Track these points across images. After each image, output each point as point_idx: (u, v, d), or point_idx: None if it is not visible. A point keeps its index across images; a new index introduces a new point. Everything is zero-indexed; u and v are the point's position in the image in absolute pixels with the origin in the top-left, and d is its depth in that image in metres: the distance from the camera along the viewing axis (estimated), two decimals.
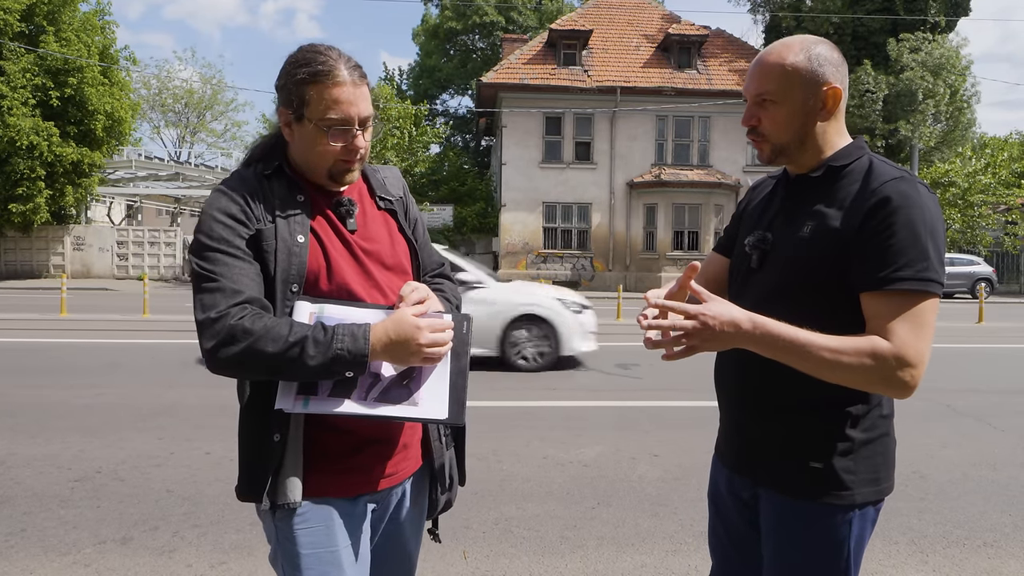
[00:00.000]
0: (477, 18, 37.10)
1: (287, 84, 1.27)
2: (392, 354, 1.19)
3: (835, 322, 1.20)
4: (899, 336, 1.14)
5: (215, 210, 1.23)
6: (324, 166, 1.29)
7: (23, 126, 20.79)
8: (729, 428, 1.45)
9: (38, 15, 21.86)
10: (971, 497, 3.76)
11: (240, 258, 1.21)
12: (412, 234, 1.46)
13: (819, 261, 1.23)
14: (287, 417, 1.22)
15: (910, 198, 1.17)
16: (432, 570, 2.84)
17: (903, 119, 22.99)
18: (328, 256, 1.29)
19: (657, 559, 2.99)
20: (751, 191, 1.54)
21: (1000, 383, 7.19)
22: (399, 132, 24.22)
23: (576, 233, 23.72)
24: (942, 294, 1.19)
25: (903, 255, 1.15)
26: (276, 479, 1.23)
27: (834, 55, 1.28)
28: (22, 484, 3.73)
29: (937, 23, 24.28)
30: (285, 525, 1.27)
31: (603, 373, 7.44)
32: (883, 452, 1.29)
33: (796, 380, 1.22)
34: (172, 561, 2.88)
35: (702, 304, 1.17)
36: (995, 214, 25.87)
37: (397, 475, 1.37)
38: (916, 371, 1.14)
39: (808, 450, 1.27)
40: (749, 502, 1.40)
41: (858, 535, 1.27)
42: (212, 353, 1.14)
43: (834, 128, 1.31)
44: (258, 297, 1.20)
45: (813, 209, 1.27)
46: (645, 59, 24.35)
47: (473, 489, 3.68)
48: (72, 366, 7.12)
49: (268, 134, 1.40)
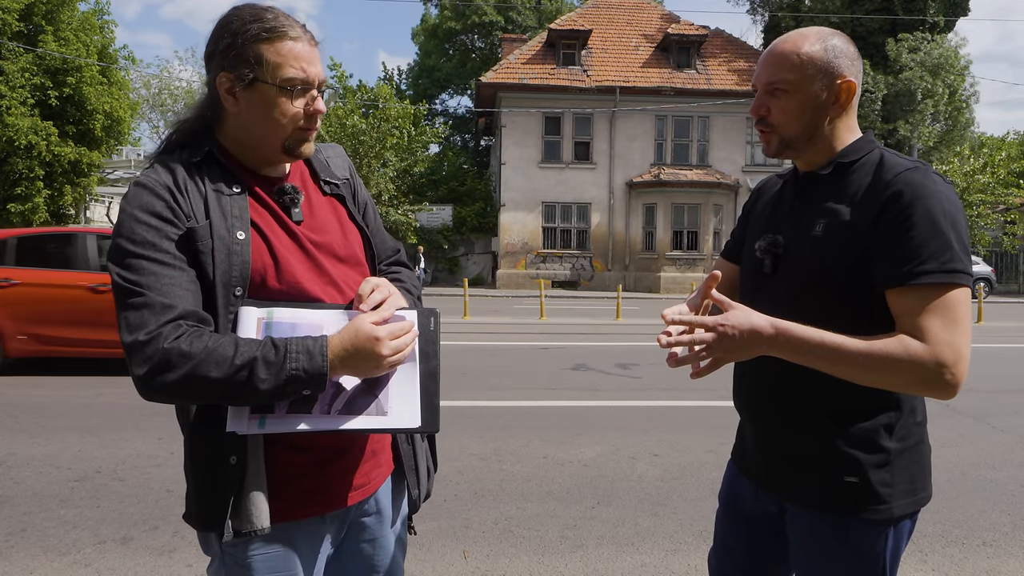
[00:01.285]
0: (476, 18, 37.10)
1: (234, 44, 1.10)
2: (352, 367, 1.06)
3: (859, 323, 1.15)
4: (931, 333, 1.08)
5: (136, 208, 1.06)
6: (281, 136, 1.14)
7: (21, 126, 20.77)
8: (753, 439, 1.38)
9: (37, 14, 21.84)
10: (970, 496, 3.76)
11: (169, 264, 1.04)
12: (363, 220, 1.32)
13: (835, 260, 1.18)
14: (244, 437, 1.08)
15: (926, 188, 1.12)
16: (432, 570, 2.85)
17: (902, 119, 23.02)
18: (275, 252, 1.14)
19: (657, 559, 2.99)
20: (757, 191, 1.48)
21: (999, 383, 7.20)
22: (398, 132, 24.21)
23: (575, 233, 23.73)
24: (972, 285, 1.13)
25: (925, 247, 1.09)
26: (238, 505, 1.09)
27: (850, 49, 1.24)
28: (22, 484, 3.73)
29: (936, 23, 24.31)
30: (238, 550, 1.13)
31: (603, 373, 7.44)
32: (919, 461, 1.24)
33: (825, 388, 1.18)
34: (172, 561, 2.88)
35: (721, 315, 1.13)
36: (994, 214, 25.90)
37: (368, 486, 1.25)
38: (956, 368, 1.08)
39: (842, 463, 1.21)
40: (777, 514, 1.35)
41: (894, 547, 1.23)
42: (146, 381, 1.00)
43: (845, 124, 1.26)
44: (193, 310, 1.04)
45: (824, 207, 1.22)
46: (644, 59, 24.36)
47: (473, 489, 3.68)
48: (72, 366, 7.12)
49: (189, 115, 1.20)
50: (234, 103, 1.13)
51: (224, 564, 1.15)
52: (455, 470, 3.97)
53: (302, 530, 1.18)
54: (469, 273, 24.39)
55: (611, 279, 22.95)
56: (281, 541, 1.15)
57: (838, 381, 1.14)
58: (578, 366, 7.79)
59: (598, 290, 22.57)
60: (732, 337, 1.11)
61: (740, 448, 1.44)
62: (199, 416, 1.13)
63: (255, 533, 1.10)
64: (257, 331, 1.07)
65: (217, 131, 1.19)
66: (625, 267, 23.60)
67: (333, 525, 1.24)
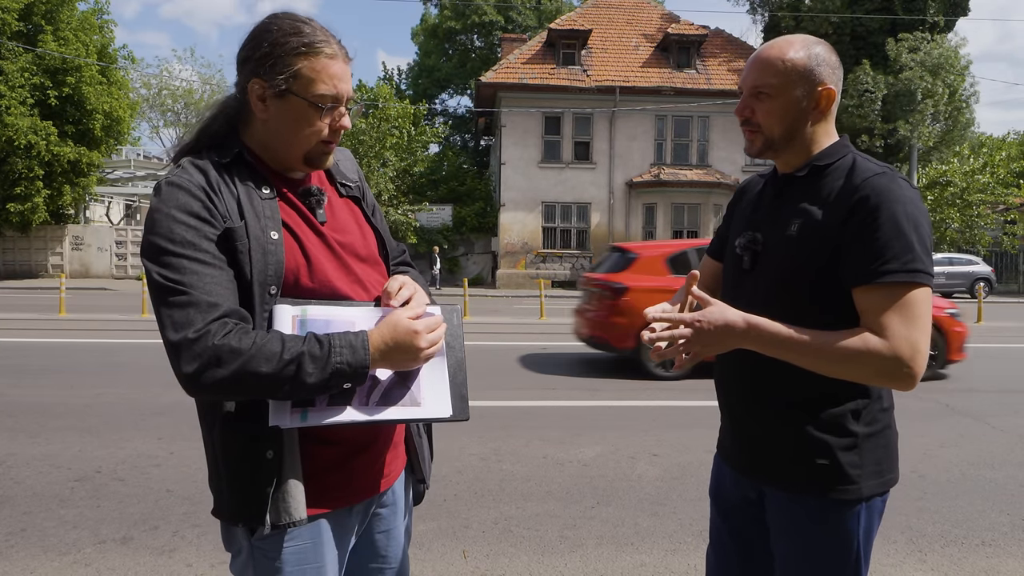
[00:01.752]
0: (476, 18, 37.09)
1: (272, 53, 1.12)
2: (391, 360, 1.11)
3: (828, 319, 1.22)
4: (890, 329, 1.16)
5: (172, 207, 1.07)
6: (304, 148, 1.17)
7: (21, 125, 20.78)
8: (732, 429, 1.45)
9: (36, 14, 21.84)
10: (969, 496, 3.77)
11: (210, 264, 1.06)
12: (375, 220, 1.36)
13: (808, 259, 1.25)
14: (279, 431, 1.10)
15: (892, 192, 1.19)
16: (432, 570, 2.85)
17: (902, 119, 23.01)
18: (306, 252, 1.17)
19: (656, 558, 2.99)
20: (740, 191, 1.55)
21: (999, 382, 7.21)
22: (398, 132, 24.21)
23: (575, 233, 23.73)
24: (932, 284, 1.21)
25: (889, 248, 1.17)
26: (276, 498, 1.11)
27: (832, 57, 1.30)
28: (22, 484, 3.73)
29: (936, 23, 24.30)
30: (268, 543, 1.15)
31: (602, 373, 7.44)
32: (886, 444, 1.32)
33: (796, 378, 1.25)
34: (172, 560, 2.88)
35: (699, 311, 1.21)
36: (994, 214, 25.90)
37: (390, 476, 1.31)
38: (913, 362, 1.16)
39: (813, 447, 1.28)
40: (756, 501, 1.41)
41: (866, 527, 1.29)
42: (194, 378, 1.01)
43: (823, 129, 1.33)
44: (236, 309, 1.07)
45: (799, 207, 1.29)
46: (644, 59, 24.36)
47: (473, 489, 3.69)
48: (71, 366, 7.12)
49: (212, 116, 1.22)
50: (264, 109, 1.16)
51: (253, 558, 1.17)
52: (455, 470, 3.97)
53: (330, 522, 1.21)
54: (469, 273, 24.39)
55: None
56: (310, 533, 1.17)
57: (807, 371, 1.22)
58: (578, 366, 7.79)
59: None
60: (708, 332, 1.19)
61: (721, 439, 1.52)
62: (235, 413, 1.13)
63: (294, 524, 1.12)
64: (292, 328, 1.10)
65: (243, 133, 1.21)
66: None
67: (358, 516, 1.27)
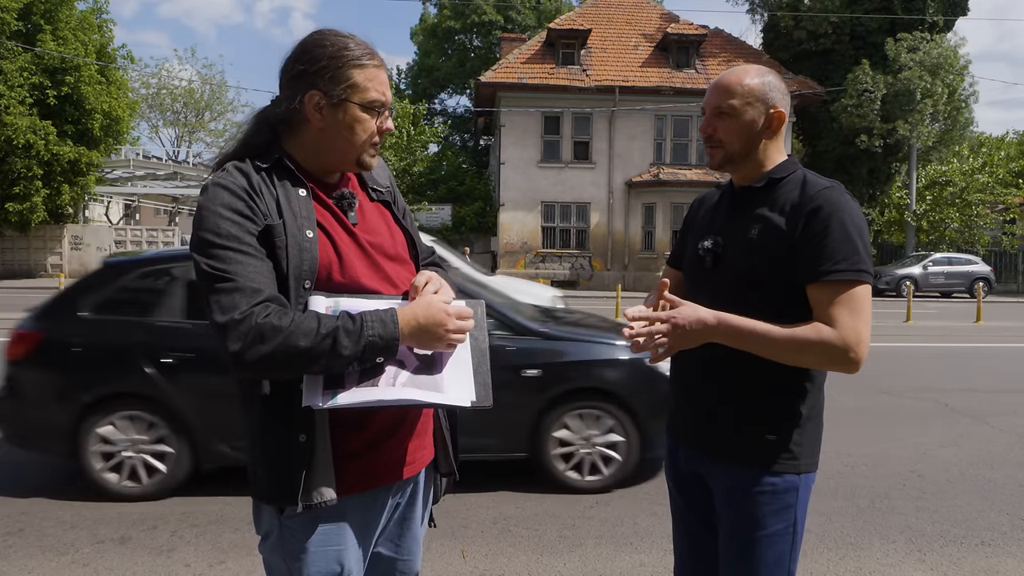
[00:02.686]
0: (476, 17, 37.09)
1: (330, 67, 1.25)
2: (419, 338, 1.20)
3: (783, 312, 1.38)
4: (839, 320, 1.33)
5: (218, 205, 1.19)
6: (357, 150, 1.30)
7: (20, 125, 20.75)
8: (684, 407, 1.58)
9: (35, 13, 21.81)
10: (969, 496, 3.76)
11: (253, 256, 1.17)
12: (406, 223, 1.46)
13: (767, 259, 1.41)
14: (311, 416, 1.20)
15: (840, 204, 1.38)
16: (431, 569, 2.84)
17: (901, 118, 23.00)
18: (338, 250, 1.27)
19: (655, 558, 2.99)
20: (698, 202, 1.72)
21: (998, 382, 7.21)
22: (397, 131, 24.20)
23: (575, 232, 23.73)
24: (872, 283, 1.39)
25: (839, 251, 1.35)
26: (309, 479, 1.20)
27: (782, 85, 1.50)
28: (21, 484, 3.73)
29: (935, 23, 24.30)
30: (296, 522, 1.24)
31: None
32: (818, 427, 1.49)
33: (752, 364, 1.40)
34: (170, 560, 2.88)
35: (673, 309, 1.39)
36: (993, 213, 25.91)
37: (414, 465, 1.37)
38: (858, 348, 1.34)
39: (763, 424, 1.44)
40: (705, 475, 1.54)
41: (803, 500, 1.46)
42: (240, 355, 1.10)
43: (775, 146, 1.51)
44: (277, 295, 1.17)
45: (757, 213, 1.46)
46: (644, 59, 24.36)
47: (472, 488, 3.69)
48: None
49: (254, 128, 1.33)
50: (320, 119, 1.27)
51: (282, 537, 1.26)
52: None
53: (354, 505, 1.28)
54: None
55: (610, 279, 22.95)
56: (335, 515, 1.25)
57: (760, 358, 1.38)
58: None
59: (597, 290, 22.56)
60: (683, 327, 1.37)
61: (672, 420, 1.65)
62: (270, 398, 1.23)
63: (324, 504, 1.21)
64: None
65: (285, 142, 1.32)
66: (624, 267, 23.61)
67: (382, 502, 1.34)
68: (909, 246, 25.42)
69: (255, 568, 2.80)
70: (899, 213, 25.64)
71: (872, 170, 24.43)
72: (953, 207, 25.00)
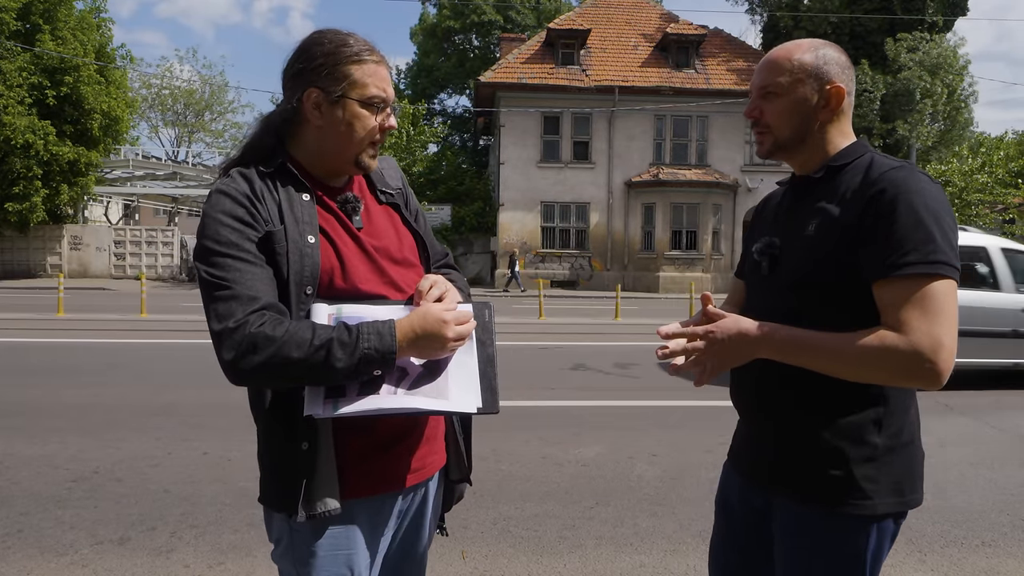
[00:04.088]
0: (475, 17, 37.07)
1: (326, 64, 1.23)
2: (419, 348, 1.17)
3: (849, 318, 1.18)
4: (908, 324, 1.10)
5: (219, 212, 1.18)
6: (357, 149, 1.27)
7: (19, 125, 20.73)
8: (745, 435, 1.42)
9: (34, 13, 21.79)
10: (969, 496, 3.76)
11: (252, 263, 1.17)
12: (416, 225, 1.43)
13: (826, 255, 1.21)
14: (315, 424, 1.18)
15: (908, 184, 1.16)
16: (431, 570, 2.83)
17: (901, 119, 23.02)
18: (341, 255, 1.25)
19: (655, 558, 2.99)
20: (762, 204, 1.53)
21: (997, 382, 7.21)
22: (397, 132, 24.20)
23: (574, 232, 23.73)
24: (957, 277, 1.14)
25: (908, 240, 1.12)
26: (310, 488, 1.19)
27: (842, 58, 1.30)
28: (19, 484, 3.72)
29: (935, 23, 24.31)
30: (305, 528, 1.23)
31: (601, 373, 7.44)
32: (909, 461, 1.24)
33: (812, 382, 1.21)
34: (170, 561, 2.87)
35: (712, 323, 1.20)
36: (992, 213, 25.92)
37: (423, 471, 1.35)
38: (937, 356, 1.09)
39: (826, 456, 1.22)
40: (762, 510, 1.36)
41: (876, 548, 1.23)
42: (234, 364, 1.10)
43: (837, 128, 1.30)
44: (275, 303, 1.16)
45: (816, 207, 1.27)
46: (643, 59, 24.36)
47: (471, 489, 3.64)
48: (69, 366, 7.10)
49: (259, 133, 1.32)
50: (319, 116, 1.25)
51: (292, 543, 1.25)
52: None
53: (363, 508, 1.27)
54: (468, 273, 24.38)
55: (610, 279, 22.95)
56: (344, 520, 1.24)
57: (826, 376, 1.18)
58: (577, 366, 7.79)
59: (597, 290, 22.56)
60: (721, 341, 1.18)
61: (734, 446, 1.49)
62: (273, 405, 1.22)
63: (328, 514, 1.19)
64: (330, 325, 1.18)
65: (289, 145, 1.30)
66: (624, 267, 23.61)
67: (393, 506, 1.32)
68: None
69: (255, 569, 2.80)
70: None
71: None
72: (952, 207, 24.96)
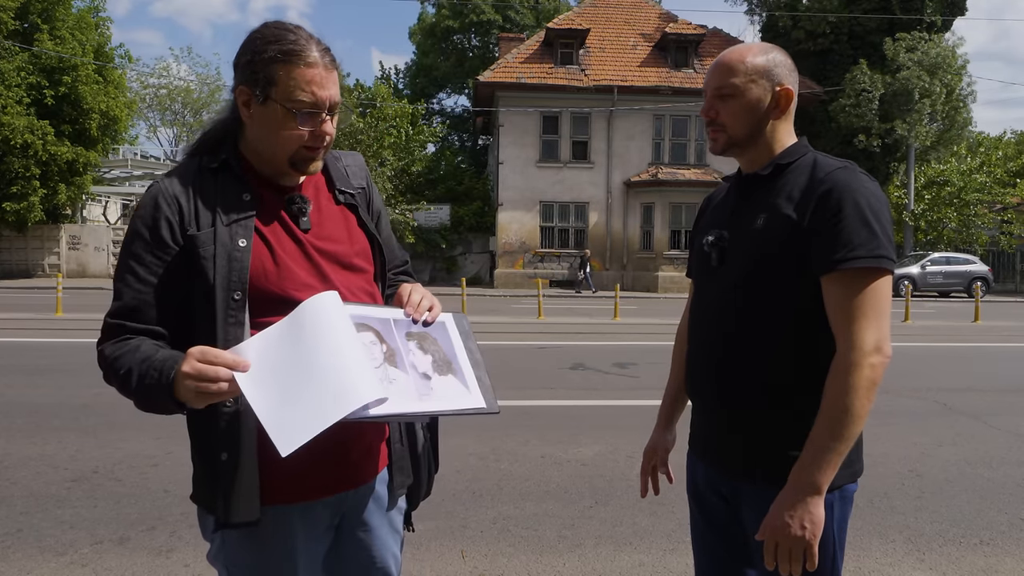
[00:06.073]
0: (474, 17, 37.06)
1: (253, 61, 1.17)
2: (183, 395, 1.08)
3: (793, 308, 1.28)
4: (852, 334, 1.20)
5: (138, 219, 1.18)
6: (286, 153, 1.20)
7: (17, 125, 20.71)
8: (704, 424, 1.48)
9: (32, 13, 21.78)
10: (967, 495, 3.77)
11: (144, 280, 1.16)
12: (376, 228, 1.37)
13: (775, 248, 1.29)
14: (236, 433, 1.14)
15: (852, 184, 1.25)
16: (430, 569, 2.84)
17: (899, 118, 23.04)
18: (277, 258, 1.19)
19: (655, 557, 2.99)
20: (707, 200, 1.61)
21: (996, 382, 7.22)
22: (396, 131, 24.19)
23: (573, 232, 23.73)
24: (894, 269, 1.26)
25: (855, 236, 1.22)
26: (229, 498, 1.15)
27: (788, 61, 1.39)
28: (18, 484, 3.72)
29: (933, 22, 24.33)
30: (232, 531, 1.20)
31: (601, 372, 7.44)
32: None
33: (767, 373, 1.31)
34: (169, 561, 2.87)
35: (764, 528, 1.25)
36: (991, 213, 25.95)
37: (360, 477, 1.30)
38: (876, 356, 1.20)
39: (786, 439, 1.30)
40: (729, 496, 1.43)
41: (840, 516, 1.32)
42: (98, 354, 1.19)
43: (784, 128, 1.39)
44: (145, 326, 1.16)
45: (764, 202, 1.35)
46: (642, 58, 24.36)
47: (471, 488, 3.68)
48: (68, 366, 7.09)
49: (217, 120, 1.27)
50: (248, 115, 1.20)
51: (224, 544, 1.23)
52: (453, 469, 3.96)
53: (296, 514, 1.23)
54: (467, 272, 24.38)
55: (609, 278, 22.96)
56: (273, 524, 1.20)
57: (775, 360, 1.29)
58: (576, 365, 7.79)
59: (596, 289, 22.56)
60: (796, 537, 1.21)
61: (693, 434, 1.53)
62: (192, 414, 1.19)
63: (244, 525, 1.17)
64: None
65: (240, 140, 1.26)
66: (623, 266, 23.62)
67: (326, 511, 1.28)
68: (907, 246, 25.47)
69: None
70: (897, 213, 25.67)
71: (870, 170, 24.42)
72: (951, 207, 25.04)
